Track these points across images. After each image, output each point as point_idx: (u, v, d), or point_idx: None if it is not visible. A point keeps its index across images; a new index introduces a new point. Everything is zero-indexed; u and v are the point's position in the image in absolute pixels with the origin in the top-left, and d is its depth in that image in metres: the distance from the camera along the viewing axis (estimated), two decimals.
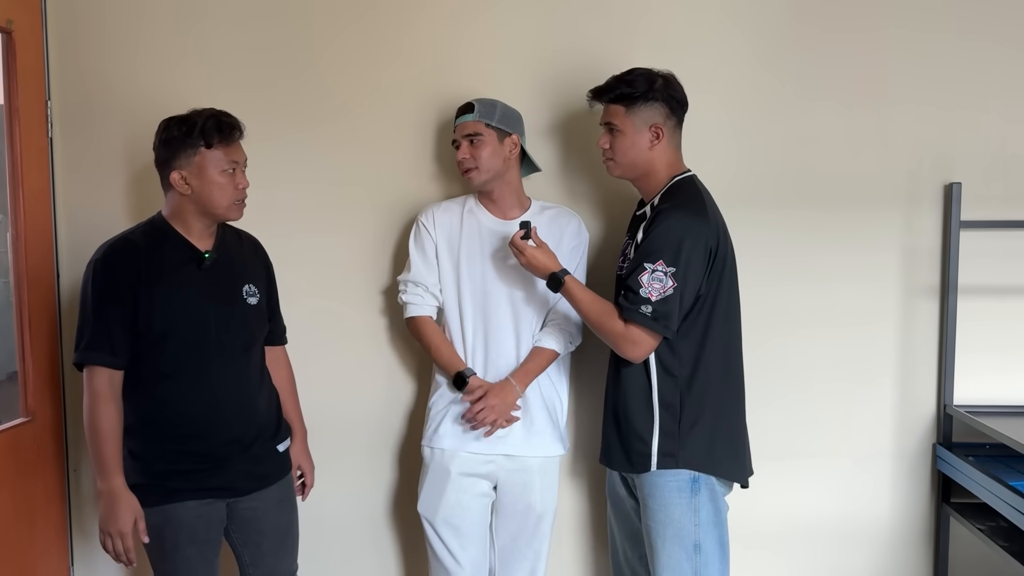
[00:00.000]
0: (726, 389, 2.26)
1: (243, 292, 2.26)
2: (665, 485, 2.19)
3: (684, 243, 2.11)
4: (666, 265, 2.11)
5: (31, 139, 2.60)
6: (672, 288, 2.11)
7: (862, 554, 2.79)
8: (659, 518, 2.19)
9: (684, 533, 2.17)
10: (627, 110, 2.22)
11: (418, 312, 2.50)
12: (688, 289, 2.13)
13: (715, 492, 2.21)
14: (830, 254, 2.71)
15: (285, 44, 2.69)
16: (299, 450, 2.44)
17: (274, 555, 2.33)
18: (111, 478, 2.10)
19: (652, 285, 2.12)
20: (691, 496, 2.18)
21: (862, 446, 2.75)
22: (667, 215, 2.15)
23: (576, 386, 2.68)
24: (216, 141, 2.11)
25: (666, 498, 2.18)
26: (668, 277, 2.11)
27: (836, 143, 2.69)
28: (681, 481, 2.18)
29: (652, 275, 2.12)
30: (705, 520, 2.18)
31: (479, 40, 2.69)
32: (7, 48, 2.52)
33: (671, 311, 2.12)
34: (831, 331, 2.73)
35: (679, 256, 2.11)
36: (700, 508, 2.18)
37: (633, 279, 2.14)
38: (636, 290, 2.13)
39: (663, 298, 2.11)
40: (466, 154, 2.41)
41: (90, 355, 2.12)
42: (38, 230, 2.63)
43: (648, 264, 2.12)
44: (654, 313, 2.11)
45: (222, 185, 2.14)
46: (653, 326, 2.13)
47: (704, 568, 2.17)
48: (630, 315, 2.14)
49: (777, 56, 2.67)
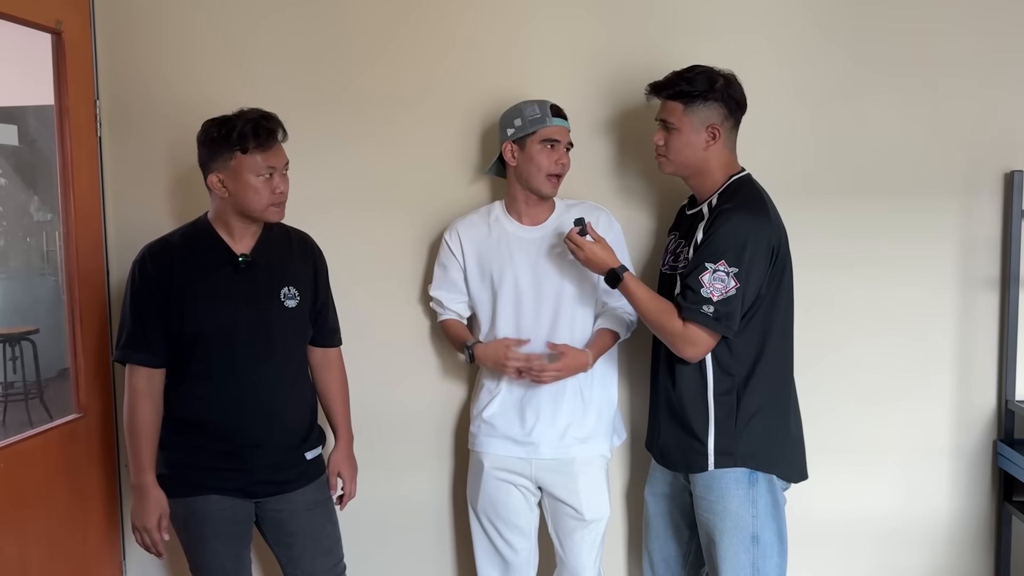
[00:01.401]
0: (783, 388, 2.24)
1: (281, 294, 2.25)
2: (723, 477, 2.16)
3: (748, 243, 2.08)
4: (728, 265, 2.07)
5: (81, 139, 2.63)
6: (735, 288, 2.07)
7: (920, 553, 2.71)
8: (716, 510, 2.17)
9: (742, 525, 2.14)
10: (685, 108, 2.17)
11: (443, 317, 2.56)
12: (750, 289, 2.10)
13: (773, 485, 2.18)
14: (884, 245, 2.64)
15: (332, 43, 2.69)
16: (341, 456, 2.42)
17: (309, 557, 2.32)
18: (142, 474, 2.16)
19: (714, 285, 2.08)
20: (749, 487, 2.15)
21: (919, 442, 2.68)
22: (729, 215, 2.11)
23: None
24: (253, 146, 2.10)
25: (724, 490, 2.16)
26: (730, 277, 2.07)
27: (889, 129, 2.61)
28: (739, 474, 2.16)
29: (714, 275, 2.08)
30: (763, 512, 2.15)
31: (526, 38, 2.65)
32: (57, 49, 2.55)
33: (733, 311, 2.09)
34: (886, 324, 2.65)
35: (742, 256, 2.08)
36: (758, 500, 2.15)
37: (693, 278, 2.11)
38: (696, 289, 2.10)
39: (725, 298, 2.08)
40: (565, 160, 2.39)
41: (128, 354, 2.18)
42: (88, 228, 2.67)
43: (710, 264, 2.09)
44: (716, 313, 2.08)
45: (257, 189, 2.13)
46: (714, 326, 2.09)
47: (762, 560, 2.14)
48: (690, 315, 2.10)
49: (828, 39, 2.60)
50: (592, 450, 2.42)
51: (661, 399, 2.30)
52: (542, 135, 2.36)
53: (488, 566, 2.50)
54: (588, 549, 2.43)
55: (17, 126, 2.92)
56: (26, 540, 2.37)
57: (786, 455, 2.22)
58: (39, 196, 4.30)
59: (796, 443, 2.26)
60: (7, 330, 4.83)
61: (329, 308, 2.41)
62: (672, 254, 2.31)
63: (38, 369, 4.76)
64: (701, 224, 2.18)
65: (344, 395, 2.45)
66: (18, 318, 4.89)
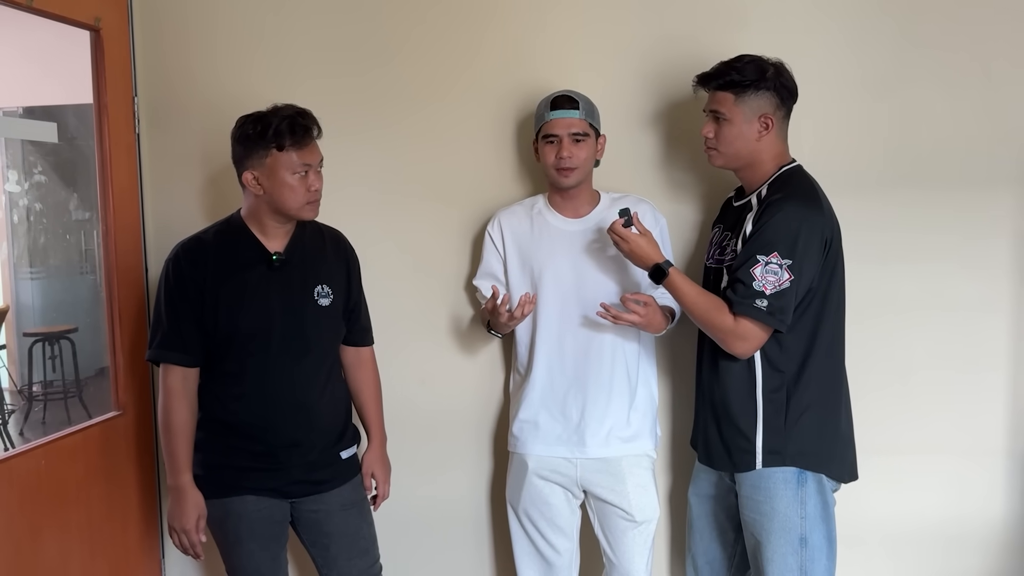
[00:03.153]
0: (833, 385, 2.17)
1: (314, 293, 2.23)
2: (771, 477, 2.11)
3: (800, 234, 2.02)
4: (781, 257, 2.02)
5: (119, 136, 2.63)
6: (788, 281, 2.02)
7: (972, 558, 2.62)
8: (764, 510, 2.11)
9: (790, 526, 2.09)
10: (736, 98, 2.11)
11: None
12: (803, 282, 2.04)
13: (823, 485, 2.12)
14: (935, 238, 2.55)
15: (367, 35, 2.67)
16: (374, 457, 2.39)
17: (346, 558, 2.30)
18: (179, 475, 2.14)
19: (766, 278, 2.02)
20: (798, 488, 2.09)
21: (973, 443, 2.59)
22: (780, 206, 2.05)
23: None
24: (288, 144, 2.08)
25: (772, 490, 2.10)
26: (784, 270, 2.01)
27: (940, 119, 2.52)
28: (788, 474, 2.10)
29: (766, 267, 2.02)
30: (812, 513, 2.09)
31: (570, 28, 2.61)
32: (96, 46, 2.56)
33: (786, 305, 2.03)
34: (937, 319, 2.57)
35: (795, 248, 2.02)
36: (807, 501, 2.09)
37: (744, 272, 2.05)
38: (748, 283, 2.04)
39: (778, 291, 2.02)
40: (570, 153, 2.30)
41: (162, 353, 2.16)
42: (127, 226, 2.67)
43: (761, 256, 2.03)
44: (769, 307, 2.02)
45: (293, 187, 2.11)
46: (768, 320, 2.03)
47: (810, 563, 2.08)
48: (743, 309, 2.05)
49: (876, 27, 2.52)
50: (638, 448, 2.39)
51: (706, 397, 2.24)
52: (543, 132, 2.34)
53: (528, 568, 2.46)
54: (640, 551, 2.38)
55: (56, 123, 2.93)
56: (67, 537, 2.38)
57: (836, 454, 2.16)
58: (78, 194, 4.34)
59: (847, 442, 2.20)
60: (46, 329, 4.88)
61: (362, 307, 2.39)
62: (718, 247, 2.25)
63: (77, 368, 4.81)
64: (750, 216, 2.12)
65: (377, 395, 2.43)
66: (58, 317, 4.95)
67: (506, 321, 2.28)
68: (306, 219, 2.20)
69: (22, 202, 4.64)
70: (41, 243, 4.79)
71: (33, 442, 2.37)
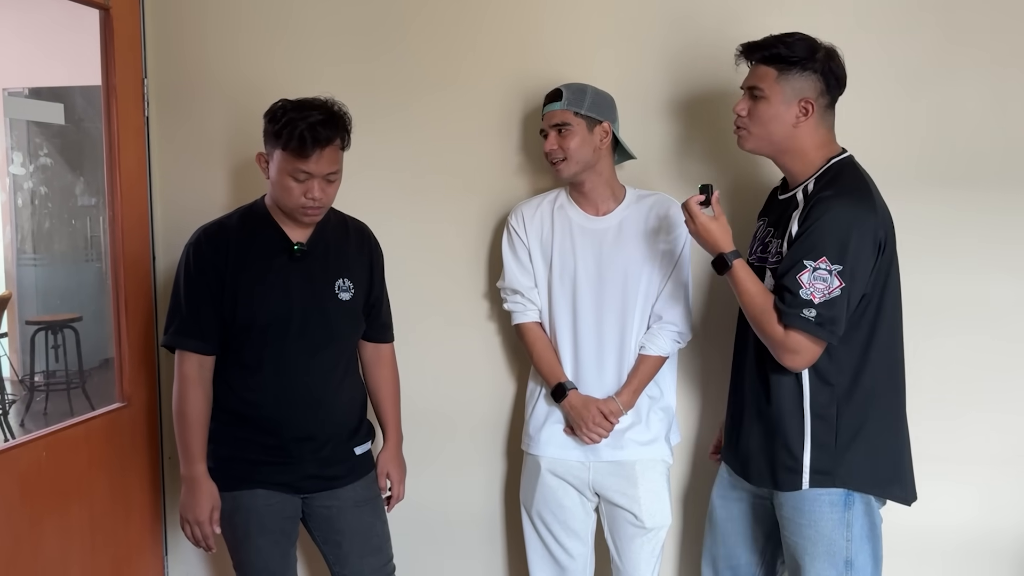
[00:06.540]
0: (889, 400, 2.02)
1: (335, 287, 2.17)
2: (816, 499, 1.98)
3: (851, 237, 1.87)
4: (830, 263, 1.87)
5: (128, 118, 2.59)
6: (839, 288, 1.87)
7: (1005, 571, 2.53)
8: (808, 534, 1.99)
9: (835, 549, 1.97)
10: (779, 75, 1.98)
11: (522, 319, 2.40)
12: (856, 289, 1.89)
13: (871, 505, 2.01)
14: (977, 239, 2.45)
15: (383, 19, 2.61)
16: (389, 456, 2.35)
17: (358, 555, 2.25)
18: (193, 465, 2.11)
19: (814, 285, 1.87)
20: (844, 510, 1.97)
21: (1008, 452, 2.50)
22: (829, 204, 1.90)
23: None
24: (292, 149, 1.99)
25: (817, 513, 1.98)
26: (833, 276, 1.87)
27: (982, 113, 2.43)
28: (835, 496, 1.97)
29: (814, 274, 1.87)
30: (859, 535, 1.98)
31: (573, 18, 2.54)
32: (105, 25, 2.52)
33: (838, 315, 1.87)
34: (979, 324, 2.47)
35: (846, 252, 1.86)
36: (854, 522, 1.97)
37: (791, 278, 1.90)
38: (795, 291, 1.89)
39: (828, 300, 1.87)
40: (554, 145, 2.26)
41: (179, 340, 2.12)
42: (134, 212, 2.62)
43: (809, 262, 1.88)
44: (818, 317, 1.87)
45: (289, 189, 2.04)
46: (818, 332, 1.88)
47: None
48: (791, 320, 1.90)
49: (915, 18, 2.43)
50: (653, 453, 2.33)
51: (748, 407, 2.10)
52: (542, 127, 2.32)
53: (542, 572, 2.41)
54: (647, 558, 2.33)
55: (63, 105, 2.87)
56: (68, 530, 2.34)
57: (894, 475, 2.03)
58: (85, 178, 4.28)
59: (904, 462, 2.06)
60: (49, 317, 4.82)
61: (383, 302, 2.34)
62: (760, 243, 2.12)
63: (80, 358, 4.76)
64: (795, 213, 1.99)
65: (395, 393, 2.38)
66: (61, 305, 4.88)
67: (584, 438, 2.29)
68: (303, 224, 2.13)
69: (27, 185, 4.56)
70: (45, 228, 4.73)
71: (35, 433, 2.33)
